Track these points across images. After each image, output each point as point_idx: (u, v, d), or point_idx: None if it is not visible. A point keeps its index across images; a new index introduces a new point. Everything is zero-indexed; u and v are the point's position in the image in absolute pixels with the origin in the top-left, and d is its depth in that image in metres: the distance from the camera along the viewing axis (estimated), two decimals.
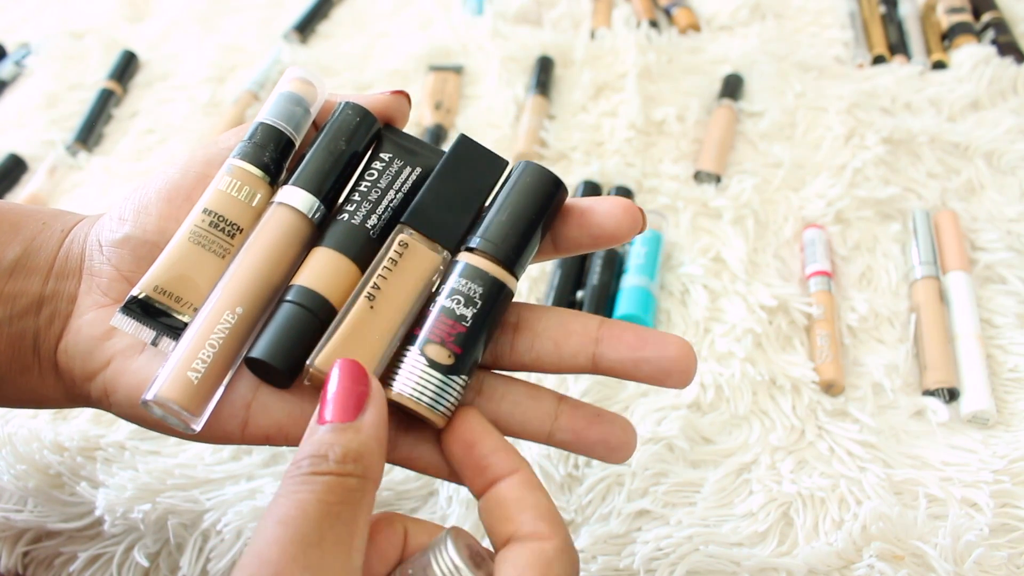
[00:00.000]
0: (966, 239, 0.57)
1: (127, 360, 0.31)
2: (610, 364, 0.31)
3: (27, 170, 0.67)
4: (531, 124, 0.65)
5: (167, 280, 0.31)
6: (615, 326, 0.32)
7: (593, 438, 0.32)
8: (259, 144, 0.32)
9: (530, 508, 0.28)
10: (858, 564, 0.41)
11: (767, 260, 0.56)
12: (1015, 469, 0.45)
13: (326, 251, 0.31)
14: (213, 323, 0.30)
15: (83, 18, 0.83)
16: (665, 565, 0.41)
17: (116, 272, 0.32)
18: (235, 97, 0.71)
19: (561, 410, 0.32)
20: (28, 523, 0.45)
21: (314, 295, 0.30)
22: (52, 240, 0.33)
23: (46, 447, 0.45)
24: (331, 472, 0.26)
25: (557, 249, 0.33)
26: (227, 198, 0.32)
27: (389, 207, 0.32)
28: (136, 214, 0.32)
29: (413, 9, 0.81)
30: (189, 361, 0.29)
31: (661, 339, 0.31)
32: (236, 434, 0.31)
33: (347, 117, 0.33)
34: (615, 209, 0.31)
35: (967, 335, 0.51)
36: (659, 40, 0.73)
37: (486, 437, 0.30)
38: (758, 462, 0.46)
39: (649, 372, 0.31)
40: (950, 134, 0.64)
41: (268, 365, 0.29)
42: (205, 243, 0.31)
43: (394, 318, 0.30)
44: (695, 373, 0.31)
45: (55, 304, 0.32)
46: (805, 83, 0.69)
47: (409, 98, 0.35)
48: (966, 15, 0.75)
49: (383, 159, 0.33)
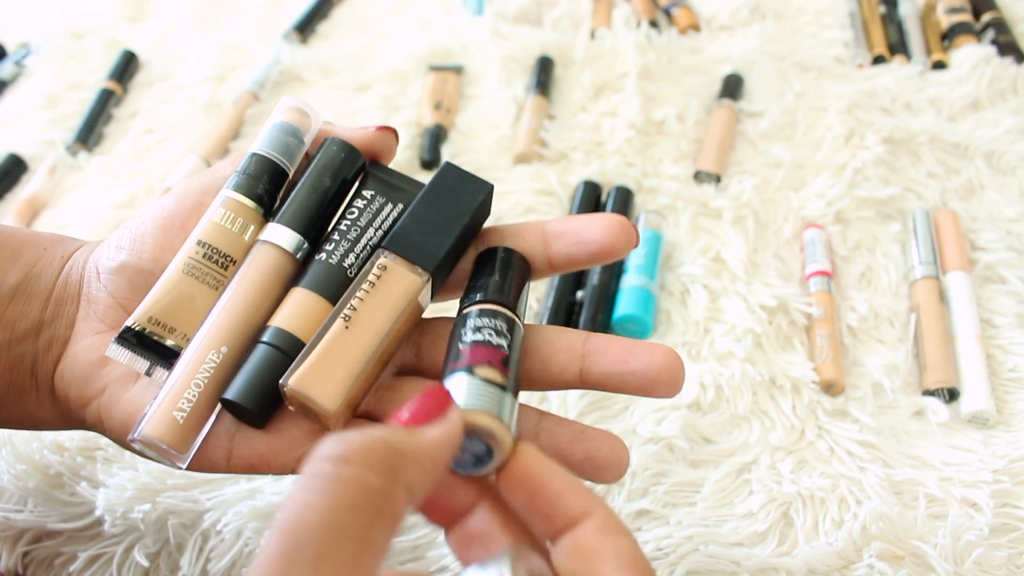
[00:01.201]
0: (966, 239, 0.57)
1: (121, 389, 0.31)
2: (597, 378, 0.31)
3: (27, 170, 0.67)
4: (531, 124, 0.65)
5: (161, 311, 0.31)
6: (600, 340, 0.31)
7: (577, 456, 0.31)
8: (253, 175, 0.33)
9: (612, 558, 0.25)
10: (858, 564, 0.41)
11: (767, 260, 0.56)
12: (1015, 469, 0.45)
13: (302, 291, 0.31)
14: (199, 363, 0.30)
15: (83, 18, 0.83)
16: (665, 565, 0.41)
17: (112, 300, 0.32)
18: (235, 97, 0.71)
19: (541, 428, 0.31)
20: (28, 523, 0.45)
21: (288, 336, 0.30)
22: (52, 266, 0.34)
23: (46, 447, 0.45)
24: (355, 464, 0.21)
25: (553, 267, 0.33)
26: (221, 230, 0.32)
27: (368, 245, 0.32)
28: (132, 243, 0.33)
29: (413, 9, 0.81)
30: (175, 400, 0.29)
31: (647, 350, 0.30)
32: (221, 464, 0.31)
33: (332, 153, 0.33)
34: (611, 225, 0.31)
35: (967, 335, 0.51)
36: (659, 40, 0.73)
37: (550, 480, 0.26)
38: (758, 462, 0.46)
39: (636, 384, 0.30)
40: (950, 134, 0.64)
41: (240, 406, 0.30)
42: (199, 275, 0.32)
43: (371, 339, 0.30)
44: (683, 382, 0.30)
45: (54, 329, 0.33)
46: (805, 83, 0.69)
47: (396, 134, 0.35)
48: (966, 15, 0.75)
49: (365, 197, 0.33)
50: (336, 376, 0.29)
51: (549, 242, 0.33)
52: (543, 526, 0.26)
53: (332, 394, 0.28)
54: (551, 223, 0.33)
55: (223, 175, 0.34)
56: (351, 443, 0.21)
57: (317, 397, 0.28)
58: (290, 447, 0.31)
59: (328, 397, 0.28)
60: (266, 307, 0.31)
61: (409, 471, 0.22)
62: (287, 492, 0.23)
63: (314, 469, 0.21)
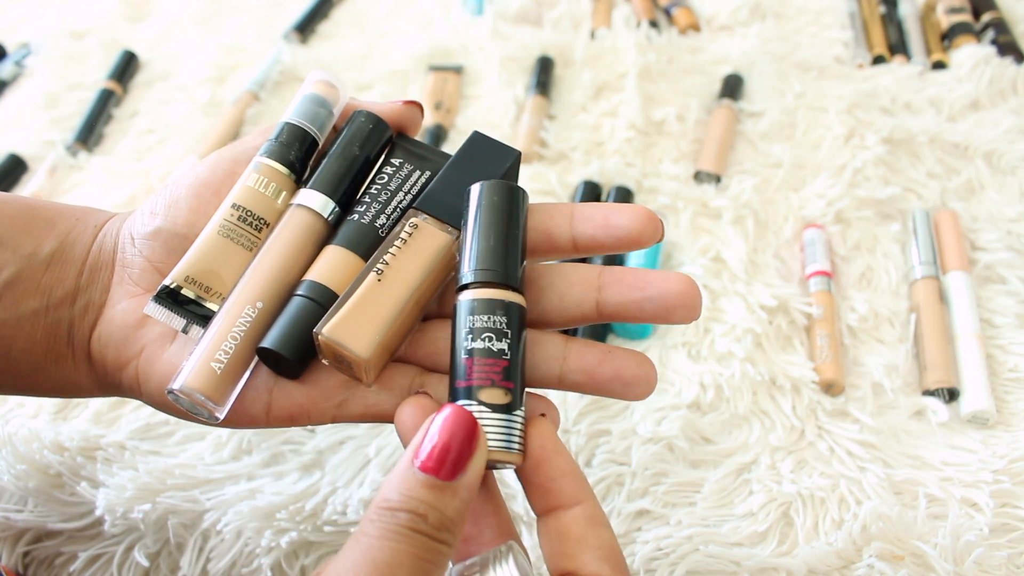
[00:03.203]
0: (966, 239, 0.57)
1: (159, 349, 0.32)
2: (614, 308, 0.31)
3: (27, 170, 0.67)
4: (531, 124, 0.65)
5: (197, 271, 0.32)
6: (616, 271, 0.32)
7: (607, 375, 0.31)
8: (285, 143, 0.34)
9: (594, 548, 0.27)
10: (858, 564, 0.41)
11: (767, 260, 0.56)
12: (1015, 469, 0.45)
13: (336, 249, 0.32)
14: (235, 316, 0.31)
15: (83, 18, 0.83)
16: (665, 565, 0.41)
17: (148, 263, 0.33)
18: (235, 97, 0.71)
19: (569, 350, 0.31)
20: (28, 523, 0.45)
21: (323, 288, 0.31)
22: (86, 234, 0.35)
23: (46, 447, 0.45)
24: (428, 535, 0.25)
25: (577, 248, 0.33)
26: (255, 194, 0.33)
27: (398, 207, 0.33)
28: (167, 208, 0.34)
29: (413, 9, 0.81)
30: (213, 352, 0.30)
31: (663, 277, 0.31)
32: (261, 417, 0.32)
33: (361, 124, 0.35)
34: (640, 214, 0.32)
35: (967, 335, 0.51)
36: (659, 40, 0.73)
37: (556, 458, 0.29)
38: (758, 462, 0.46)
39: (653, 310, 0.31)
40: (950, 134, 0.64)
41: (278, 355, 0.30)
42: (233, 236, 0.33)
43: (402, 292, 0.30)
44: (700, 308, 0.31)
45: (89, 294, 0.34)
46: (805, 83, 0.69)
47: (422, 108, 0.36)
48: (966, 15, 0.75)
49: (394, 164, 0.34)
50: (369, 326, 0.30)
51: (576, 223, 0.33)
52: (537, 499, 0.29)
53: (365, 342, 0.29)
54: (580, 205, 0.33)
55: (254, 145, 0.35)
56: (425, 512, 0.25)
57: (351, 345, 0.29)
58: (328, 396, 0.32)
59: (361, 345, 0.29)
60: (299, 266, 0.32)
61: (459, 534, 0.26)
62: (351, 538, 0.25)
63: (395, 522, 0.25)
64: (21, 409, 0.49)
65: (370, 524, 0.25)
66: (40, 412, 0.49)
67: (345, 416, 0.32)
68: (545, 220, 0.33)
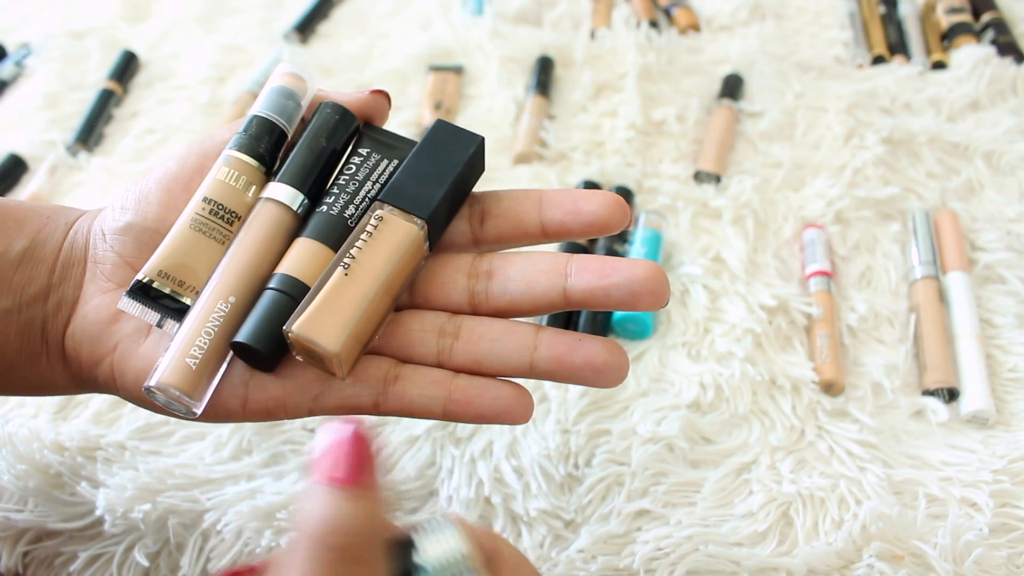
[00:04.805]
0: (966, 239, 0.57)
1: (133, 344, 0.32)
2: (581, 295, 0.31)
3: (27, 170, 0.67)
4: (531, 124, 0.65)
5: (170, 265, 0.32)
6: (584, 258, 0.32)
7: (577, 362, 0.31)
8: (254, 136, 0.34)
9: None
10: (858, 564, 0.41)
11: (767, 260, 0.56)
12: (1015, 469, 0.45)
13: (306, 241, 0.33)
14: (208, 312, 0.31)
15: (83, 18, 0.83)
16: (665, 565, 0.41)
17: (119, 259, 0.33)
18: (235, 97, 0.71)
19: (540, 339, 0.31)
20: (28, 523, 0.45)
21: (294, 281, 0.32)
22: (57, 232, 0.35)
23: (46, 447, 0.45)
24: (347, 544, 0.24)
25: (546, 234, 0.34)
26: (225, 187, 0.33)
27: (367, 197, 0.34)
28: (137, 203, 0.34)
29: (413, 9, 0.81)
30: (188, 348, 0.31)
31: (629, 263, 0.31)
32: (238, 411, 0.32)
33: (327, 115, 0.35)
34: (607, 199, 0.32)
35: (967, 335, 0.51)
36: (659, 40, 0.73)
37: None
38: (758, 462, 0.46)
39: (619, 297, 0.30)
40: (950, 134, 0.64)
41: (251, 349, 0.31)
42: (205, 230, 0.33)
43: (369, 285, 0.31)
44: (668, 295, 0.30)
45: (62, 291, 0.34)
46: (805, 83, 0.69)
47: (388, 97, 0.36)
48: (966, 15, 0.75)
49: (361, 154, 0.35)
50: (337, 320, 0.30)
51: (544, 208, 0.33)
52: None
53: (334, 337, 0.30)
54: (548, 191, 0.34)
55: (223, 139, 0.35)
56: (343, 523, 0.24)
57: (320, 339, 0.29)
58: (303, 389, 0.32)
59: (330, 340, 0.29)
60: (270, 259, 0.33)
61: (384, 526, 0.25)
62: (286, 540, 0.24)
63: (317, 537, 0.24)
64: (21, 409, 0.49)
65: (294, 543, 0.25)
66: (40, 412, 0.49)
67: (321, 409, 0.32)
68: (515, 206, 0.34)
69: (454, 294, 0.33)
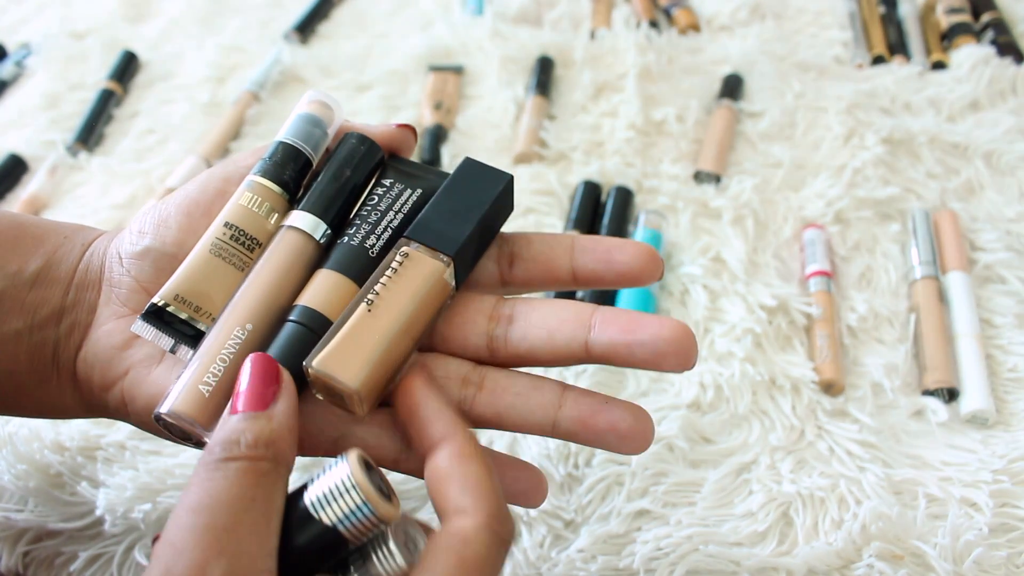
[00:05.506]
0: (966, 239, 0.57)
1: (145, 370, 0.31)
2: (603, 350, 0.30)
3: (27, 170, 0.67)
4: (531, 124, 0.66)
5: (187, 290, 0.31)
6: (609, 311, 0.31)
7: (601, 426, 0.30)
8: (279, 163, 0.34)
9: (458, 481, 0.27)
10: (858, 564, 0.41)
11: (767, 260, 0.56)
12: (1014, 469, 0.45)
13: (327, 272, 0.32)
14: (224, 339, 0.30)
15: (83, 18, 0.83)
16: (665, 565, 0.41)
17: (135, 283, 0.33)
18: (235, 97, 0.71)
19: (565, 399, 0.31)
20: (28, 523, 0.45)
21: (315, 314, 0.31)
22: (73, 252, 0.34)
23: (46, 447, 0.45)
24: (243, 457, 0.26)
25: (577, 280, 0.33)
26: (247, 213, 0.33)
27: (389, 227, 0.33)
28: (156, 227, 0.33)
29: (413, 9, 0.81)
30: (201, 375, 0.30)
31: (656, 321, 0.30)
32: None
33: (353, 146, 0.34)
34: (642, 252, 0.32)
35: (966, 335, 0.51)
36: (659, 40, 0.73)
37: (423, 406, 0.29)
38: (758, 462, 0.46)
39: (644, 356, 0.29)
40: (950, 134, 0.64)
41: None
42: (225, 255, 0.32)
43: (393, 322, 0.30)
44: (696, 356, 0.30)
45: (75, 314, 0.33)
46: (805, 83, 0.69)
47: (415, 132, 0.36)
48: (966, 15, 0.75)
49: (384, 184, 0.34)
50: (359, 357, 0.29)
51: (576, 254, 0.33)
52: (418, 447, 0.29)
53: (355, 373, 0.29)
54: (580, 237, 0.33)
55: (245, 164, 0.34)
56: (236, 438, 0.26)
57: (340, 376, 0.29)
58: (322, 429, 0.31)
59: (351, 376, 0.29)
60: (290, 289, 0.32)
61: (284, 453, 0.27)
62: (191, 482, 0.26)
63: (211, 458, 0.26)
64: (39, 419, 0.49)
65: (193, 474, 0.26)
66: None
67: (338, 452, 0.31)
68: (545, 250, 0.33)
69: (472, 336, 0.32)
